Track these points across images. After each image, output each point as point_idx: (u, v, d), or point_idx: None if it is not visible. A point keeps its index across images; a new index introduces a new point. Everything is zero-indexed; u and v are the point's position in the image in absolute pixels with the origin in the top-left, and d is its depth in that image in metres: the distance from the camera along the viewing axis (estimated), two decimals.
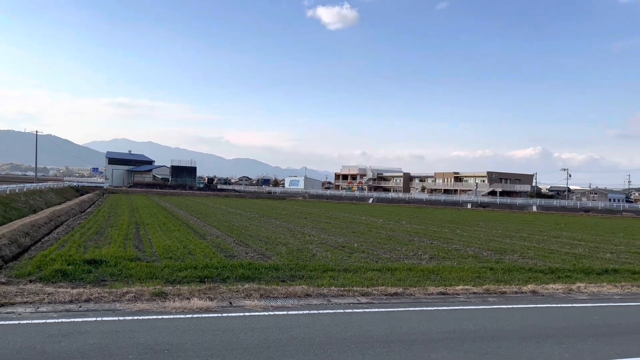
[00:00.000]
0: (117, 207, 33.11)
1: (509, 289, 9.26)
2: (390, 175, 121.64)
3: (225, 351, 5.15)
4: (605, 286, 10.12)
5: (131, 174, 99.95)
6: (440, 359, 5.19)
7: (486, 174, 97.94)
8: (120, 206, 33.90)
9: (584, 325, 6.98)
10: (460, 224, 31.54)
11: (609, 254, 17.08)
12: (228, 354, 5.08)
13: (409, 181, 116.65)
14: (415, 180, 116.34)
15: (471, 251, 16.05)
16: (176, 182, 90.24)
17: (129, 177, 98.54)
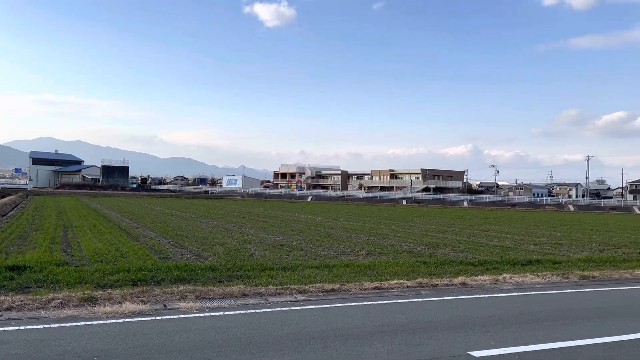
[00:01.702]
0: (43, 209, 31.38)
1: (441, 282, 9.63)
2: (329, 174, 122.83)
3: (159, 354, 5.04)
4: (528, 276, 10.73)
5: (58, 175, 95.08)
6: (375, 352, 5.34)
7: (420, 171, 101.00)
8: (47, 208, 32.15)
9: (509, 314, 7.39)
10: (395, 220, 32.37)
11: (532, 245, 18.11)
12: (162, 357, 4.97)
13: (347, 179, 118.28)
14: (353, 178, 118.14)
15: (406, 246, 16.52)
16: (107, 183, 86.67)
17: (55, 178, 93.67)
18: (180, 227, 21.20)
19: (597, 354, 5.56)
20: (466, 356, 5.28)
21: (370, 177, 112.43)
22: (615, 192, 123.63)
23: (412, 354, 5.28)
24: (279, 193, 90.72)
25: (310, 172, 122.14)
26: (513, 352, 5.47)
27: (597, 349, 5.72)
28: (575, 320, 7.08)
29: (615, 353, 5.60)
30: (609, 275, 11.43)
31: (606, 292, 9.56)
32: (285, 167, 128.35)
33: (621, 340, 6.07)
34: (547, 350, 5.60)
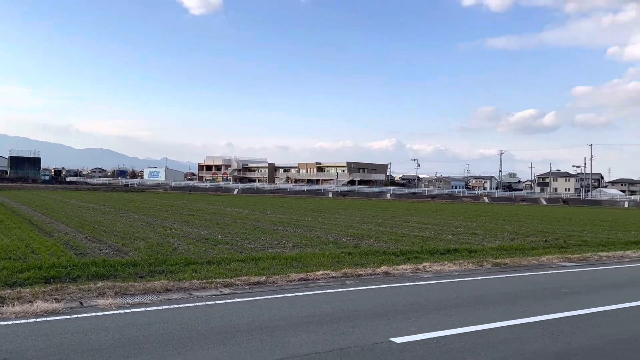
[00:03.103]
0: None
1: (365, 272, 9.88)
2: (256, 166, 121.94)
3: (75, 354, 4.79)
4: (446, 264, 11.26)
5: None
6: (300, 342, 5.39)
7: (346, 164, 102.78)
8: None
9: (429, 301, 7.73)
10: (322, 212, 32.75)
11: (450, 235, 18.99)
12: (77, 356, 4.73)
13: (274, 171, 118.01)
14: (280, 170, 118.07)
15: (332, 237, 16.76)
16: (16, 175, 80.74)
17: None
18: (98, 222, 20.20)
19: (508, 335, 5.95)
20: (388, 343, 5.46)
21: (298, 170, 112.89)
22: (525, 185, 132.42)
23: (336, 343, 5.39)
24: (204, 186, 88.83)
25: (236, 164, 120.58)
26: (432, 337, 5.73)
27: (507, 331, 6.12)
28: (489, 305, 7.53)
29: (524, 334, 6.02)
30: (518, 262, 12.23)
31: (516, 277, 10.24)
32: (210, 159, 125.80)
33: (528, 322, 6.54)
34: (463, 333, 5.92)
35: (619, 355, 5.34)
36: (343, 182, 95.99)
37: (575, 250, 15.32)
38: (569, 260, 12.92)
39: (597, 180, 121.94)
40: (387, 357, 5.01)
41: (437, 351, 5.24)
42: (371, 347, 5.28)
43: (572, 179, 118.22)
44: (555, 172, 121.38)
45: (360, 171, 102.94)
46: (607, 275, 10.91)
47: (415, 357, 5.03)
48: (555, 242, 17.56)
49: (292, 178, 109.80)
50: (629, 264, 12.77)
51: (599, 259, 13.46)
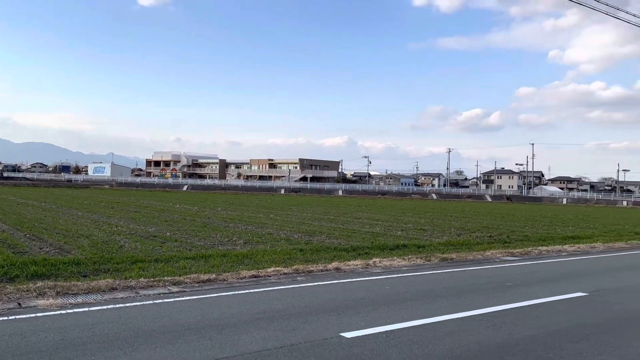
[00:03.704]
0: None
1: (316, 268, 9.92)
2: (206, 162, 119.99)
3: (13, 357, 4.57)
4: (396, 260, 11.47)
5: None
6: (251, 339, 5.35)
7: (299, 161, 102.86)
8: None
9: (378, 295, 7.85)
10: (274, 208, 32.63)
11: (400, 231, 19.36)
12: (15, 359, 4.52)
13: (225, 168, 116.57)
14: (232, 166, 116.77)
15: (283, 234, 16.73)
16: None
17: None
18: (39, 219, 19.32)
19: (454, 328, 6.13)
20: (338, 337, 5.51)
21: (249, 166, 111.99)
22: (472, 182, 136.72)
23: (287, 339, 5.38)
24: (152, 182, 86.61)
25: (186, 160, 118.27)
26: (381, 331, 5.82)
27: (454, 324, 6.30)
28: (436, 299, 7.73)
29: (469, 326, 6.22)
30: (464, 257, 12.61)
31: (462, 272, 10.56)
32: (159, 155, 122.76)
33: (473, 315, 6.76)
34: (411, 327, 6.05)
35: (557, 345, 5.61)
36: (295, 178, 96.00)
37: (517, 245, 15.96)
38: (511, 254, 13.45)
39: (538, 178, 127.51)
40: (337, 352, 5.05)
41: (385, 345, 5.34)
42: (322, 343, 5.32)
43: (515, 176, 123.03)
44: (500, 170, 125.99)
45: (313, 168, 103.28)
46: (547, 269, 11.42)
47: (364, 351, 5.10)
48: (499, 237, 18.22)
49: (243, 174, 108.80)
50: (566, 258, 13.43)
51: (539, 253, 14.08)
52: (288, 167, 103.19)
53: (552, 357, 5.17)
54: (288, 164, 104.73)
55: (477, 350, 5.27)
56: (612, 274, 10.94)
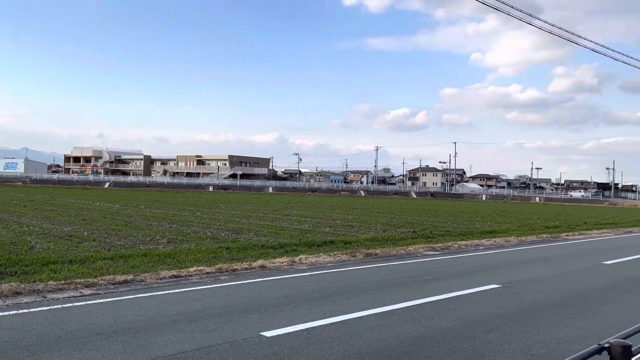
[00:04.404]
0: None
1: (240, 266, 9.75)
2: (130, 158, 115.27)
3: None
4: (321, 256, 11.52)
5: None
6: (166, 342, 5.14)
7: (228, 157, 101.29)
8: None
9: (302, 292, 7.83)
10: (201, 206, 31.89)
11: (328, 228, 19.51)
12: None
13: (151, 164, 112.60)
14: (157, 163, 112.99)
15: (210, 233, 16.36)
16: None
17: None
18: None
19: (375, 322, 6.22)
20: (258, 337, 5.42)
21: (176, 163, 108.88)
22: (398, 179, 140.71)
23: (205, 340, 5.22)
24: (71, 179, 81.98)
25: (108, 156, 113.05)
26: (303, 328, 5.79)
27: (374, 318, 6.40)
28: (359, 294, 7.82)
29: (389, 320, 6.33)
30: (388, 252, 12.90)
31: (385, 267, 10.78)
32: (79, 150, 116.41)
33: (394, 309, 6.90)
34: (333, 323, 6.07)
35: (471, 335, 5.83)
36: (224, 175, 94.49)
37: (439, 239, 16.55)
38: (433, 249, 13.93)
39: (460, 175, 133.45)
40: (257, 352, 4.96)
41: (306, 342, 5.31)
42: (241, 343, 5.20)
43: (439, 174, 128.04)
44: (425, 167, 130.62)
45: (243, 165, 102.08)
46: (465, 262, 11.91)
47: (284, 350, 5.04)
48: (422, 232, 18.83)
49: (170, 171, 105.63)
50: (484, 252, 14.09)
51: (458, 247, 14.68)
52: (217, 163, 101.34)
53: (465, 348, 5.36)
54: (217, 160, 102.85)
55: (396, 344, 5.37)
56: (523, 266, 11.59)
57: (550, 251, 14.83)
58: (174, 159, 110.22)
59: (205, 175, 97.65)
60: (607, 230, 23.62)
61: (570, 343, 5.65)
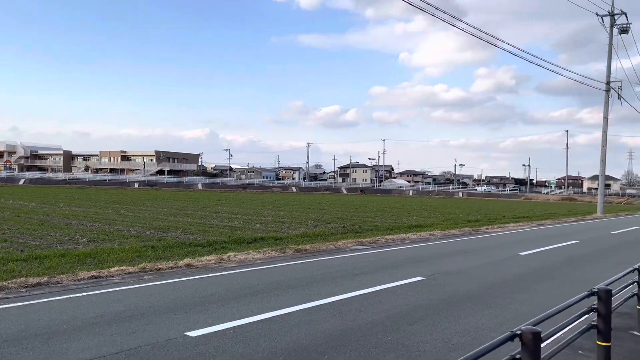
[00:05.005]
0: None
1: (166, 265, 9.45)
2: (48, 154, 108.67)
3: None
4: (251, 253, 11.40)
5: None
6: (83, 346, 4.87)
7: (155, 153, 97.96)
8: None
9: (230, 290, 7.70)
10: (125, 204, 30.65)
11: (259, 224, 19.36)
12: None
13: (71, 160, 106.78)
14: (78, 159, 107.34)
15: (134, 231, 15.75)
16: None
17: None
18: None
19: (302, 318, 6.23)
20: (183, 337, 5.27)
21: (99, 159, 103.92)
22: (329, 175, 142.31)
23: (126, 343, 5.01)
24: None
25: (23, 151, 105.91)
26: (229, 326, 5.70)
27: (302, 314, 6.41)
28: (288, 290, 7.81)
29: (316, 315, 6.37)
30: (318, 247, 12.99)
31: (315, 262, 10.84)
32: None
33: (322, 304, 6.95)
34: (261, 320, 6.02)
35: (395, 328, 5.98)
36: (151, 172, 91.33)
37: (367, 234, 16.89)
38: (361, 243, 14.19)
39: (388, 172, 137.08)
40: (181, 353, 4.82)
41: (232, 340, 5.23)
42: (164, 344, 5.03)
43: (369, 170, 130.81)
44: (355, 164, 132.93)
45: (171, 161, 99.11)
46: (392, 256, 12.22)
47: (210, 349, 4.93)
48: (351, 227, 19.14)
49: (92, 167, 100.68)
50: (409, 245, 14.54)
51: (386, 241, 15.06)
52: (143, 159, 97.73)
53: (390, 339, 5.50)
54: (143, 156, 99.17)
55: (323, 339, 5.40)
56: (446, 258, 12.06)
57: (472, 244, 15.55)
58: (97, 155, 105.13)
59: (130, 172, 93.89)
60: (523, 223, 25.13)
61: (487, 331, 5.94)
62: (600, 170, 38.37)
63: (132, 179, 77.30)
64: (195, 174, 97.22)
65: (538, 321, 3.39)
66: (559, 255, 13.18)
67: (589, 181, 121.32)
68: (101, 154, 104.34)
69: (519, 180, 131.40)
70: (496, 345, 2.88)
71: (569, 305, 3.89)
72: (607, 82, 35.87)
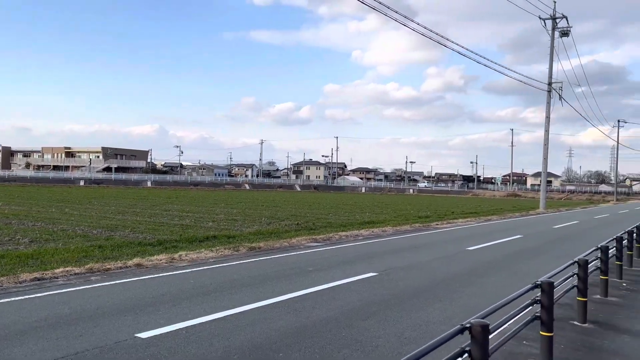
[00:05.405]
0: None
1: (114, 265, 9.16)
2: None
3: None
4: (203, 252, 11.23)
5: None
6: (25, 352, 4.66)
7: (101, 149, 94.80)
8: None
9: (182, 290, 7.55)
10: (70, 202, 29.49)
11: (211, 222, 19.09)
12: None
13: (11, 156, 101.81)
14: (19, 155, 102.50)
15: (80, 230, 15.18)
16: None
17: None
18: None
19: (256, 316, 6.19)
20: (133, 339, 5.13)
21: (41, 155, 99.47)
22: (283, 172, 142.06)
23: (72, 347, 4.82)
24: None
25: None
26: (182, 327, 5.59)
27: (256, 312, 6.37)
28: (241, 288, 7.74)
29: (271, 313, 6.34)
30: (272, 245, 12.95)
31: (269, 260, 10.79)
32: None
33: (276, 302, 6.93)
34: (214, 320, 5.94)
35: (349, 323, 6.04)
36: (98, 169, 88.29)
37: (321, 231, 16.97)
38: (315, 240, 14.24)
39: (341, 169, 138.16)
40: (131, 355, 4.69)
41: (185, 341, 5.13)
42: (113, 347, 4.88)
43: (322, 167, 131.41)
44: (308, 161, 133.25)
45: (118, 157, 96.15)
46: (346, 252, 12.33)
47: (161, 351, 4.83)
48: (305, 224, 19.18)
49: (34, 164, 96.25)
50: (362, 241, 14.72)
51: (339, 238, 15.18)
52: (89, 156, 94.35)
53: (344, 335, 5.55)
54: (89, 152, 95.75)
55: (277, 337, 5.39)
56: (398, 254, 12.29)
57: (422, 239, 15.91)
58: (39, 151, 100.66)
59: (75, 169, 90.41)
60: (471, 218, 25.93)
61: (438, 325, 6.09)
62: (543, 168, 40.11)
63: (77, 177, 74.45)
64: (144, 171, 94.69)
65: (486, 314, 3.51)
66: (505, 250, 13.69)
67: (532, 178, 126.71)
68: (43, 150, 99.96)
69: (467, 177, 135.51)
70: (447, 339, 2.96)
71: (515, 297, 4.04)
72: (549, 83, 37.49)
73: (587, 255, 7.07)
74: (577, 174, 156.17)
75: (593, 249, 7.88)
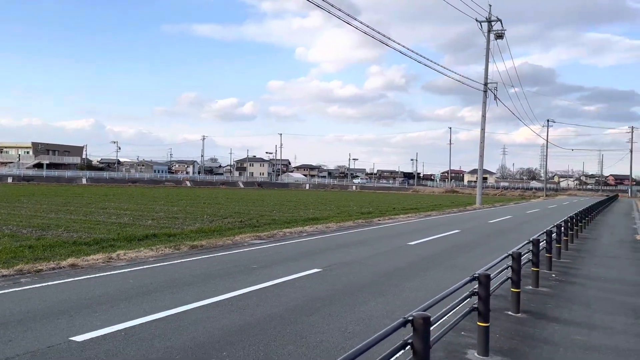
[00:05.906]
0: None
1: (46, 266, 8.72)
2: None
3: None
4: (142, 251, 10.89)
5: None
6: None
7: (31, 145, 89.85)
8: None
9: (120, 290, 7.29)
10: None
11: (150, 220, 18.54)
12: None
13: None
14: None
15: (8, 230, 14.33)
16: None
17: None
18: None
19: (199, 315, 6.07)
20: (67, 343, 4.90)
21: None
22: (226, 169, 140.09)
23: (1, 353, 4.55)
24: None
25: None
26: (120, 328, 5.40)
27: (199, 311, 6.24)
28: (183, 288, 7.56)
29: (214, 312, 6.24)
30: (215, 243, 12.73)
31: (211, 258, 10.61)
32: None
33: (219, 300, 6.83)
34: (155, 320, 5.77)
35: (293, 320, 6.04)
36: (28, 165, 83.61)
37: (265, 228, 16.87)
38: (259, 238, 14.14)
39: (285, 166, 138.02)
40: (66, 359, 4.48)
41: (124, 343, 4.96)
42: (46, 351, 4.64)
43: (266, 164, 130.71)
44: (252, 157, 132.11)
45: (50, 153, 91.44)
46: (290, 249, 12.32)
47: (99, 354, 4.64)
48: (249, 222, 19.00)
49: None
50: (306, 238, 14.76)
51: (283, 235, 15.15)
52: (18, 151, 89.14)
53: (289, 332, 5.54)
54: (18, 148, 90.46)
55: (220, 336, 5.31)
56: (342, 250, 12.42)
57: (365, 235, 16.15)
58: None
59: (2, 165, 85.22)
60: (412, 214, 26.61)
61: (380, 318, 6.21)
62: (479, 165, 41.75)
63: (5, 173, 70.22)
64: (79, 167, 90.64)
65: (427, 307, 3.61)
66: (444, 244, 14.14)
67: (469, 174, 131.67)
68: None
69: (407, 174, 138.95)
70: (390, 332, 3.02)
71: (454, 290, 4.18)
72: (484, 83, 39.03)
73: (520, 248, 7.41)
74: (510, 171, 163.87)
75: (525, 242, 8.29)
